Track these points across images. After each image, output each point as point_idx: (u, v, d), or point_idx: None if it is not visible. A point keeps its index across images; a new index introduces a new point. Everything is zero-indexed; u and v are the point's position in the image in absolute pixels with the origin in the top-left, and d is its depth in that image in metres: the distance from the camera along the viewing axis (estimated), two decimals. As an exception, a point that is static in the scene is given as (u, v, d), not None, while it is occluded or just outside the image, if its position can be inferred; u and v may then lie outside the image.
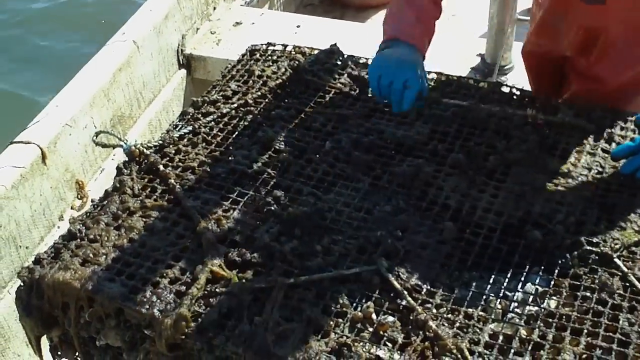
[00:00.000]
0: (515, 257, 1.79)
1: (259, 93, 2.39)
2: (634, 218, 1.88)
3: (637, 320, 1.61)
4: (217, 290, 1.71)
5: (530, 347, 1.58)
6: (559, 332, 1.60)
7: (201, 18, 3.41)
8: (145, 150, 2.15)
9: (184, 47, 3.28)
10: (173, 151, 2.17)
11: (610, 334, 1.59)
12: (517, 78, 2.54)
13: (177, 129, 2.25)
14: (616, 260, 1.75)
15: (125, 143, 2.13)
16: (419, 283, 1.73)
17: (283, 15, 2.55)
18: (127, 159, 2.15)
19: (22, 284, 1.85)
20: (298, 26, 3.24)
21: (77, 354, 1.88)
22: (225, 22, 3.34)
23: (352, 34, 2.49)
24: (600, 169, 2.05)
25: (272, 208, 1.93)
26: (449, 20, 4.28)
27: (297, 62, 2.51)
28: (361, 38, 2.97)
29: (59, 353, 1.95)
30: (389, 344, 1.61)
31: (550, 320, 1.63)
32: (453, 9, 4.43)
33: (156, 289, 1.73)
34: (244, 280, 1.73)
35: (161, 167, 2.09)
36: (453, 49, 2.97)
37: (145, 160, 2.13)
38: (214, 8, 3.49)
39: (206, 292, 1.71)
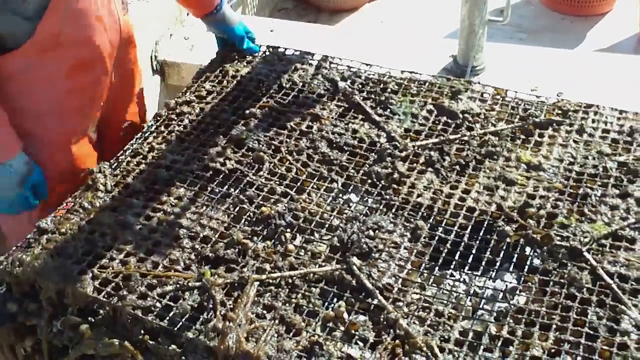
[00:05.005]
0: (486, 254, 1.80)
1: (234, 93, 2.40)
2: (604, 210, 1.90)
3: (605, 314, 1.63)
4: (189, 284, 1.72)
5: (499, 344, 1.59)
6: (528, 327, 1.62)
7: (175, 24, 3.40)
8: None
9: (158, 53, 3.26)
10: (147, 149, 2.19)
11: (579, 328, 1.60)
12: (489, 79, 2.55)
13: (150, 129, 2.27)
14: (585, 254, 1.77)
15: None
16: (390, 282, 1.74)
17: (256, 19, 2.53)
18: None
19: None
20: (272, 30, 3.24)
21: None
22: (198, 28, 3.31)
23: (325, 37, 2.47)
24: (572, 160, 2.08)
25: (245, 207, 1.94)
26: (419, 21, 4.31)
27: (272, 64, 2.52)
28: (335, 41, 2.98)
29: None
30: (360, 343, 1.62)
31: (520, 316, 1.65)
32: (421, 9, 4.46)
33: (128, 282, 1.74)
34: (216, 276, 1.74)
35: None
36: (424, 50, 2.98)
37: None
38: (187, 14, 3.46)
39: (178, 286, 1.72)
